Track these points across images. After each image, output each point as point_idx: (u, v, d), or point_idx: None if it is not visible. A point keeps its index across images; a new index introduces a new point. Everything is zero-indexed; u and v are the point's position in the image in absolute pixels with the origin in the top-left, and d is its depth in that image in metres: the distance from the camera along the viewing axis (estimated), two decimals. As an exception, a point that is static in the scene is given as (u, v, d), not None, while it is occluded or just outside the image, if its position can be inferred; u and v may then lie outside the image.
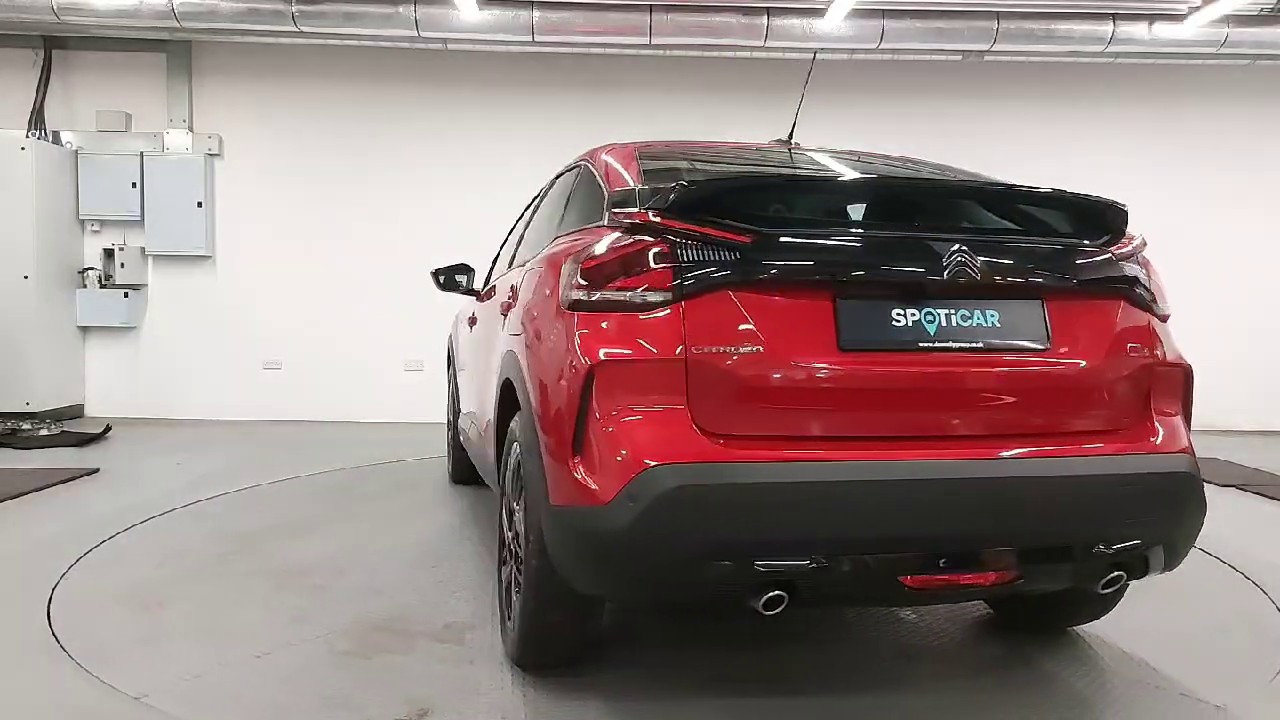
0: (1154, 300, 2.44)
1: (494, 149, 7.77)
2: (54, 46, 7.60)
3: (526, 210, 4.38)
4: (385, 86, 7.80)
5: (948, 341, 2.21)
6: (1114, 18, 6.87)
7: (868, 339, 2.18)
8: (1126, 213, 2.45)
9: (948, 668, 2.85)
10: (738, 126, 7.72)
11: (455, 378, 5.01)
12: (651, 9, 6.84)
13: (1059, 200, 2.42)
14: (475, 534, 4.17)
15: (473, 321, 4.16)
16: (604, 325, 2.20)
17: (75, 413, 7.69)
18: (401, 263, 7.38)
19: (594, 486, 2.12)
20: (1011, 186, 2.42)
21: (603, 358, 2.15)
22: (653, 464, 2.05)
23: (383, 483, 5.37)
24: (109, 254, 7.68)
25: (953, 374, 2.21)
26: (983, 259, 2.22)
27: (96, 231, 7.78)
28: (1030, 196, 2.44)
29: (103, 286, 7.69)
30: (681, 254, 2.17)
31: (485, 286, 4.42)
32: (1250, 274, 7.76)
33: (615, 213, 2.40)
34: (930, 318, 2.21)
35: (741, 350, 2.13)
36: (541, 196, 3.97)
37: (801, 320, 2.17)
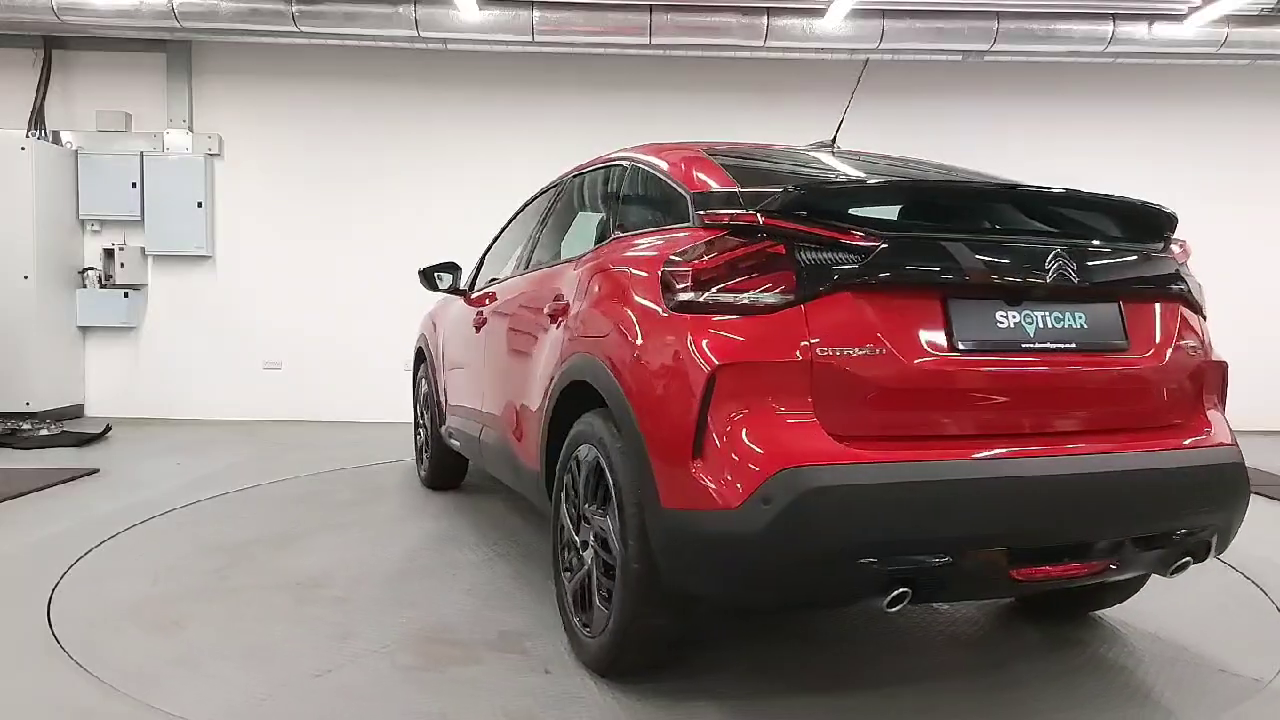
0: (1202, 300, 2.61)
1: (494, 149, 7.78)
2: (54, 46, 7.60)
3: (525, 211, 4.36)
4: (385, 86, 7.80)
5: (1045, 342, 2.31)
6: (1114, 18, 6.87)
7: (978, 340, 2.25)
8: (1177, 218, 2.59)
9: (1000, 653, 2.92)
10: (738, 126, 7.74)
11: (436, 379, 4.87)
12: (651, 9, 6.85)
13: (1128, 207, 2.52)
14: (485, 539, 4.12)
15: (480, 323, 4.01)
16: (723, 328, 2.20)
17: (75, 413, 7.69)
18: (401, 262, 7.34)
19: (720, 490, 2.10)
20: (1092, 194, 2.49)
21: (727, 360, 2.15)
22: (786, 466, 2.05)
23: (385, 482, 5.35)
24: (109, 254, 7.68)
25: (1051, 373, 2.31)
26: (1075, 263, 2.34)
27: (96, 231, 7.78)
28: (1105, 203, 2.51)
29: (103, 286, 7.69)
30: (801, 256, 2.19)
31: (478, 288, 4.39)
32: (1251, 274, 7.76)
33: (712, 214, 2.40)
34: (1029, 319, 2.31)
35: (863, 351, 2.16)
36: (556, 197, 3.89)
37: (916, 321, 2.22)
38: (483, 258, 4.61)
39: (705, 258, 2.28)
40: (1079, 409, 2.36)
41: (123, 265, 7.65)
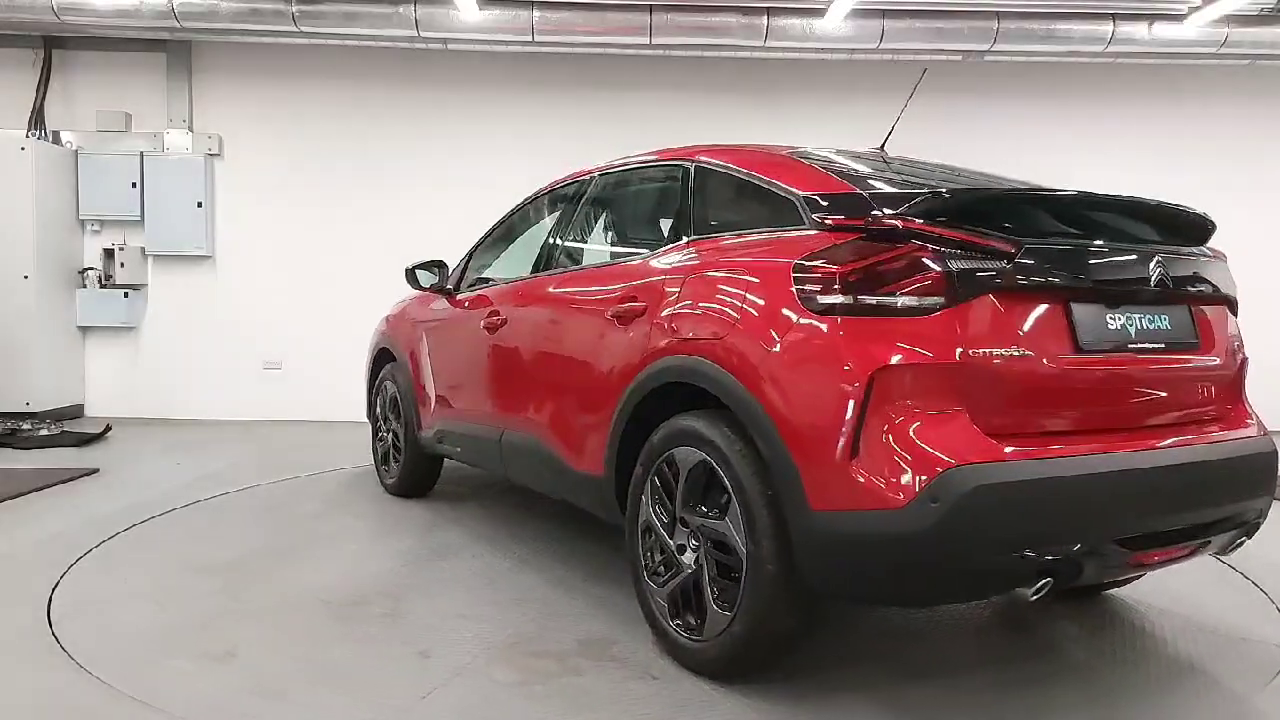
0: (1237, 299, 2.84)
1: (493, 148, 7.77)
2: (54, 46, 7.59)
3: (530, 210, 4.28)
4: (385, 86, 7.80)
5: (1143, 342, 2.50)
6: (1114, 18, 6.87)
7: (1096, 341, 2.40)
8: (1215, 225, 2.80)
9: (1039, 627, 3.13)
10: (738, 126, 7.74)
11: (417, 381, 4.65)
12: (651, 9, 6.84)
13: (1189, 216, 2.71)
14: (496, 545, 4.02)
15: (496, 324, 3.86)
16: (876, 330, 2.25)
17: (75, 413, 7.69)
18: (401, 262, 7.31)
19: (884, 490, 2.14)
20: (1164, 202, 2.66)
21: (888, 362, 2.20)
22: (952, 465, 2.12)
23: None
24: (109, 254, 7.67)
25: (1150, 370, 2.51)
26: (1168, 268, 2.53)
27: (96, 231, 7.78)
28: (1174, 211, 2.69)
29: (103, 286, 7.69)
30: (949, 260, 2.25)
31: (469, 287, 4.31)
32: (1250, 274, 7.74)
33: (838, 217, 2.43)
34: (1131, 321, 2.49)
35: (1007, 352, 2.27)
36: (579, 196, 3.79)
37: (1047, 323, 2.35)
38: (470, 257, 4.51)
39: (851, 260, 2.30)
40: (1169, 403, 2.57)
41: (123, 265, 7.65)
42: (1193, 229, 2.75)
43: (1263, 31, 6.90)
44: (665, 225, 3.39)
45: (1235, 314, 2.84)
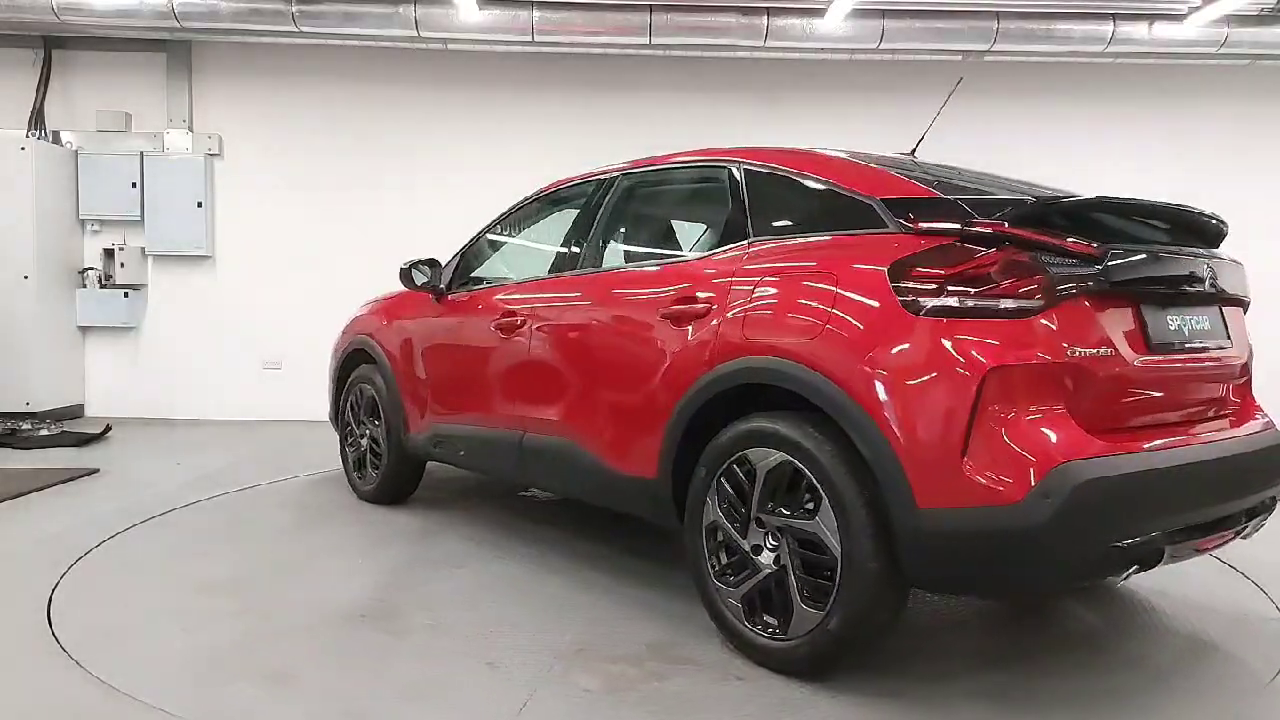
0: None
1: (493, 148, 7.77)
2: (54, 46, 7.59)
3: (533, 209, 4.22)
4: (385, 87, 7.80)
5: (1193, 341, 2.68)
6: (1114, 18, 6.87)
7: (1162, 340, 2.57)
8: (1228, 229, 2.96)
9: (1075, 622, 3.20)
10: (737, 126, 7.74)
11: (407, 384, 4.47)
12: (651, 9, 6.84)
13: (1215, 222, 2.85)
14: (503, 550, 3.92)
15: (513, 326, 3.75)
16: (984, 331, 2.33)
17: (75, 413, 7.68)
18: (400, 262, 7.35)
19: (997, 487, 2.22)
20: (1201, 210, 2.80)
21: (999, 363, 2.28)
22: (1063, 461, 2.23)
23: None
24: (109, 254, 7.67)
25: (1202, 368, 2.72)
26: (1215, 272, 2.74)
27: (96, 231, 7.78)
28: (1208, 218, 2.83)
29: (103, 286, 7.69)
30: (1046, 263, 2.37)
31: (465, 287, 4.23)
32: (1251, 273, 7.75)
33: (926, 221, 2.51)
34: (1184, 323, 2.66)
35: (1098, 352, 2.41)
36: (603, 196, 3.71)
37: (1126, 324, 2.50)
38: (463, 256, 4.38)
39: (957, 264, 2.38)
40: (1213, 398, 2.80)
41: (123, 265, 7.65)
42: (1215, 234, 2.91)
43: (1263, 31, 6.91)
44: (712, 226, 3.40)
45: (1246, 313, 3.03)
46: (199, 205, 7.69)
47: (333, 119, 7.83)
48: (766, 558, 2.66)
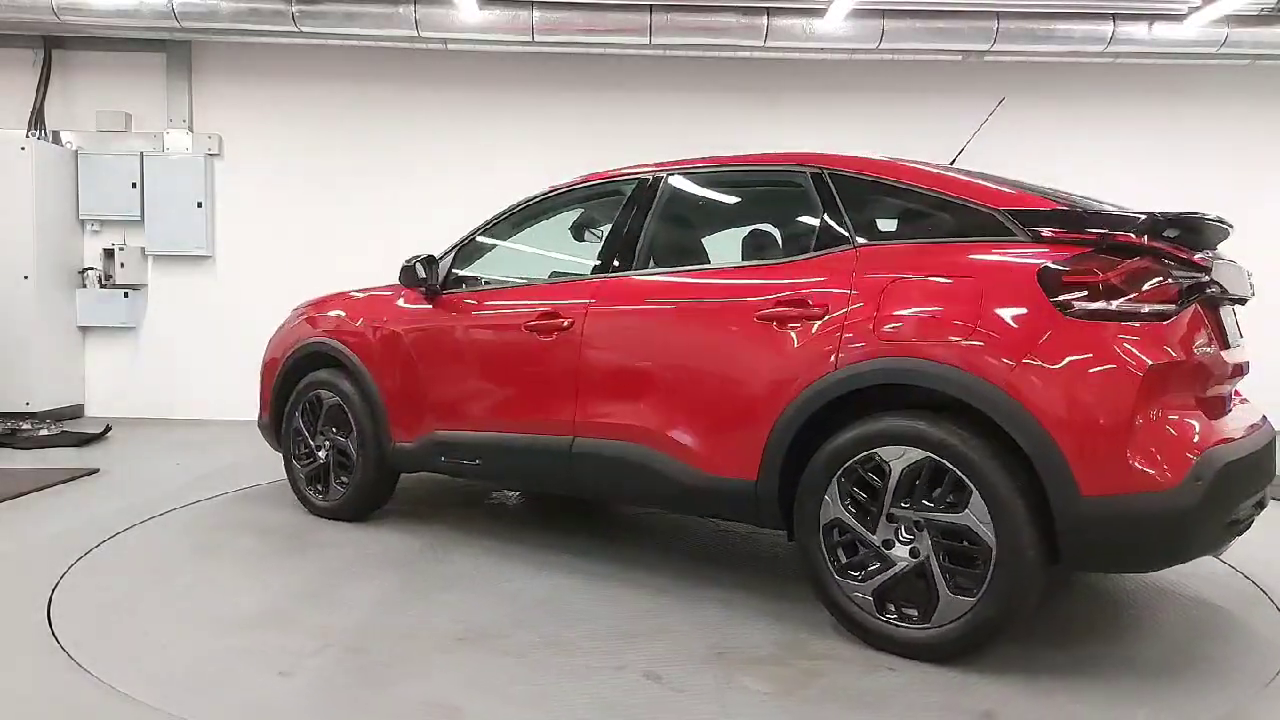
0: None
1: (493, 149, 7.77)
2: (54, 46, 7.59)
3: (547, 208, 4.06)
4: (385, 86, 7.80)
5: (1229, 338, 2.95)
6: (1114, 18, 6.87)
7: (1232, 339, 2.95)
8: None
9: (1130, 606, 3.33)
10: (737, 126, 7.75)
11: (388, 390, 4.18)
12: (651, 9, 6.84)
13: (1229, 229, 2.97)
14: (534, 562, 3.74)
15: (552, 329, 3.60)
16: (1137, 333, 2.57)
17: (75, 413, 7.69)
18: (400, 262, 7.33)
19: (1157, 473, 2.48)
20: (1228, 222, 2.93)
21: (1156, 361, 2.54)
22: (1207, 447, 2.57)
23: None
24: (109, 254, 7.68)
25: (1242, 364, 3.03)
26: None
27: (96, 231, 7.78)
28: (1230, 228, 2.96)
29: (103, 286, 7.69)
30: (1173, 272, 2.66)
31: (470, 287, 4.07)
32: (1251, 273, 7.75)
33: (1059, 230, 2.70)
34: (1230, 323, 2.99)
35: (1209, 350, 2.77)
36: (644, 197, 3.64)
37: (1213, 326, 2.85)
38: (457, 255, 4.16)
39: (1110, 271, 2.59)
40: (1236, 390, 3.12)
41: (123, 265, 7.65)
42: (1224, 238, 3.02)
43: (1263, 31, 6.91)
44: (794, 229, 3.42)
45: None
46: (199, 205, 7.70)
47: (333, 119, 7.83)
48: (900, 551, 2.76)
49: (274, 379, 4.78)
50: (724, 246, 3.89)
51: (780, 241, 3.68)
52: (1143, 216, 2.65)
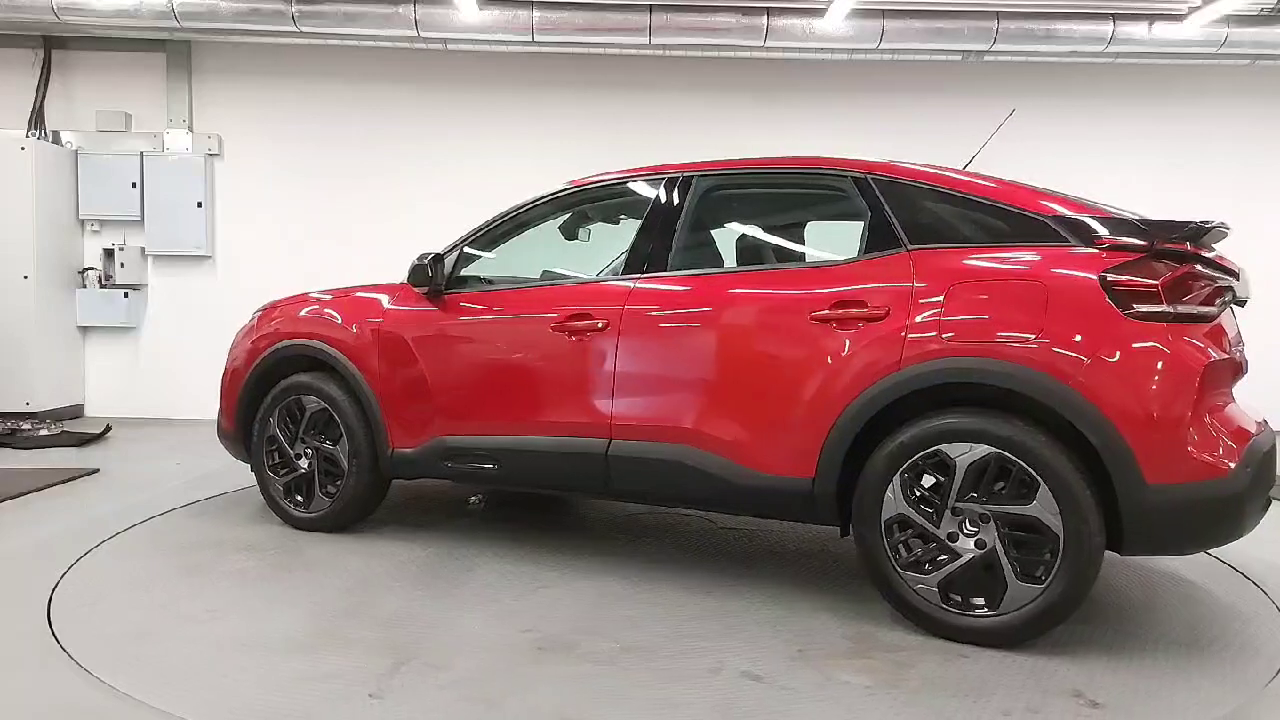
0: None
1: (494, 148, 7.77)
2: (54, 46, 7.59)
3: (556, 208, 4.01)
4: (385, 86, 7.80)
5: (1239, 337, 3.17)
6: (1114, 18, 6.87)
7: (1235, 340, 3.10)
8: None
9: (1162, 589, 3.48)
10: (737, 126, 7.75)
11: (388, 393, 4.01)
12: (651, 9, 6.84)
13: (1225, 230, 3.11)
14: (564, 568, 3.67)
15: (585, 330, 3.54)
16: (1191, 333, 2.78)
17: (75, 413, 7.69)
18: (401, 263, 7.31)
19: (1214, 462, 2.71)
20: (1226, 226, 3.04)
21: (1210, 358, 2.77)
22: (1251, 437, 2.87)
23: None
24: (109, 254, 7.68)
25: (1243, 363, 3.15)
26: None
27: (96, 231, 7.78)
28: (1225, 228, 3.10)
29: (103, 286, 7.69)
30: (1214, 277, 2.89)
31: (473, 287, 3.98)
32: (1250, 274, 7.75)
33: (1114, 238, 2.84)
34: (1232, 326, 3.15)
35: (1239, 348, 3.08)
36: (669, 201, 3.61)
37: (1232, 327, 3.08)
38: (460, 254, 4.04)
39: (1168, 276, 2.77)
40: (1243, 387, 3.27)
41: (123, 265, 7.65)
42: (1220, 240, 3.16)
43: (1263, 31, 6.90)
44: (840, 232, 3.46)
45: None
46: (199, 205, 7.69)
47: (333, 119, 7.83)
48: (965, 543, 2.89)
49: (240, 385, 4.56)
50: (759, 249, 3.85)
51: (822, 244, 3.70)
52: (1189, 224, 2.81)
